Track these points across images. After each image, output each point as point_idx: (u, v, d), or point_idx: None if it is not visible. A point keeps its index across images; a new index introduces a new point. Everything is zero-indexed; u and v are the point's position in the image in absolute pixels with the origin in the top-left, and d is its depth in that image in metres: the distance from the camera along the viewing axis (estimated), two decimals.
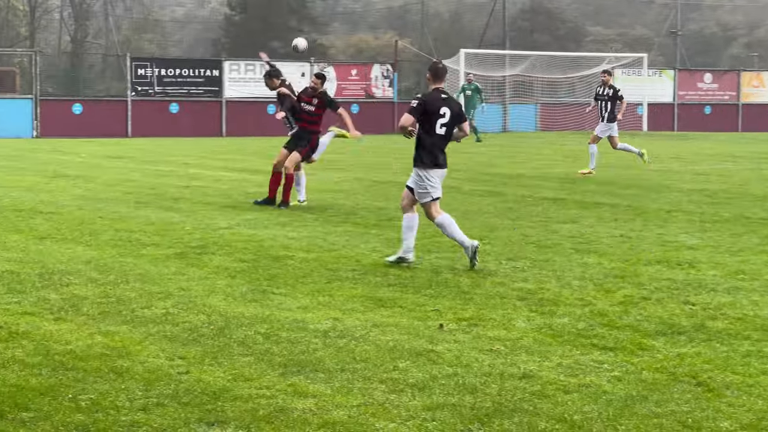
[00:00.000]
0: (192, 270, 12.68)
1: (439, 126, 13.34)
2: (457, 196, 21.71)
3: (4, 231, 15.95)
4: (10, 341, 9.03)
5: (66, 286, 11.59)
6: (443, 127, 13.36)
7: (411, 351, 8.82)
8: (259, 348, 8.89)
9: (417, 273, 12.59)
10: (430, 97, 13.40)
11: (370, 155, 35.47)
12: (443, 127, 13.36)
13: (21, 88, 54.76)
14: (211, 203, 20.05)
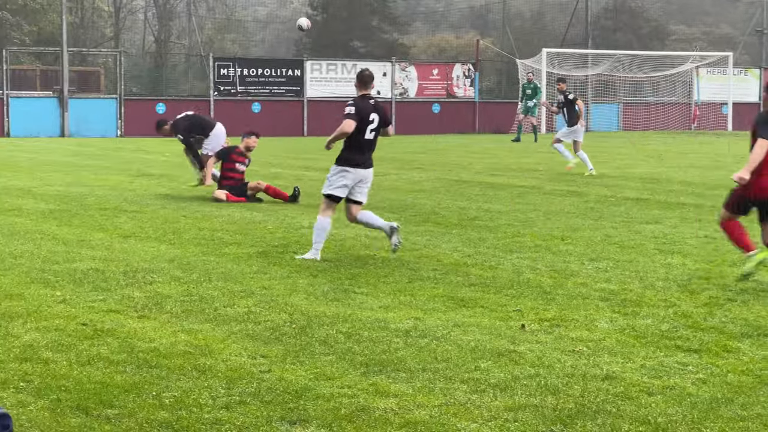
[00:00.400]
0: (274, 269, 12.74)
1: (368, 131, 13.87)
2: (539, 196, 21.62)
3: (89, 229, 16.14)
4: (96, 339, 9.13)
5: (150, 284, 11.69)
6: (372, 132, 13.90)
7: (493, 351, 8.79)
8: (341, 347, 8.91)
9: (498, 273, 12.54)
10: (362, 103, 13.92)
11: (452, 155, 35.41)
12: (372, 132, 13.90)
13: (106, 88, 55.40)
14: (293, 202, 20.14)
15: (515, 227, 16.73)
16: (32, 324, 9.65)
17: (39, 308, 10.33)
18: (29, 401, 7.32)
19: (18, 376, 7.92)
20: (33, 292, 11.17)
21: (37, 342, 8.98)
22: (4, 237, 15.15)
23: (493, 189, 23.04)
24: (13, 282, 11.73)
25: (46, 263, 12.94)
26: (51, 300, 10.76)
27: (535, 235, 15.76)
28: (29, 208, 18.71)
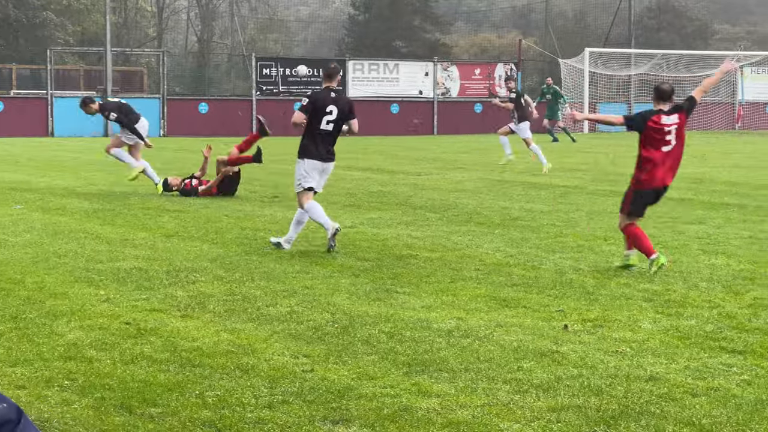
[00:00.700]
0: (316, 268, 12.75)
1: (325, 122, 14.30)
2: (582, 195, 21.54)
3: (132, 228, 16.22)
4: (139, 337, 9.17)
5: (193, 283, 11.73)
6: (329, 123, 14.32)
7: (535, 351, 8.76)
8: (383, 347, 8.90)
9: (541, 273, 12.50)
10: (319, 95, 14.50)
11: (494, 155, 35.35)
12: (329, 123, 14.32)
13: (149, 87, 55.70)
14: (335, 202, 20.15)
15: (558, 227, 16.68)
16: (76, 323, 9.71)
17: (83, 307, 10.39)
18: (73, 399, 7.36)
19: (62, 374, 7.97)
20: (77, 291, 11.23)
21: (81, 341, 9.03)
22: (48, 236, 15.25)
23: (536, 189, 22.98)
24: (58, 281, 11.80)
25: (90, 262, 13.01)
26: (95, 299, 10.82)
27: (578, 236, 15.71)
28: (73, 208, 18.82)
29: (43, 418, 6.97)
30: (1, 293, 11.06)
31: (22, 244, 14.50)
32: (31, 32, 62.82)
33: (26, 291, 11.20)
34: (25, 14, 62.16)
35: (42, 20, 62.99)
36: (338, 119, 14.38)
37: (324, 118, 14.30)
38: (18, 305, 10.46)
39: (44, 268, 12.59)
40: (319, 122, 14.29)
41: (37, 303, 10.59)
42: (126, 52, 62.32)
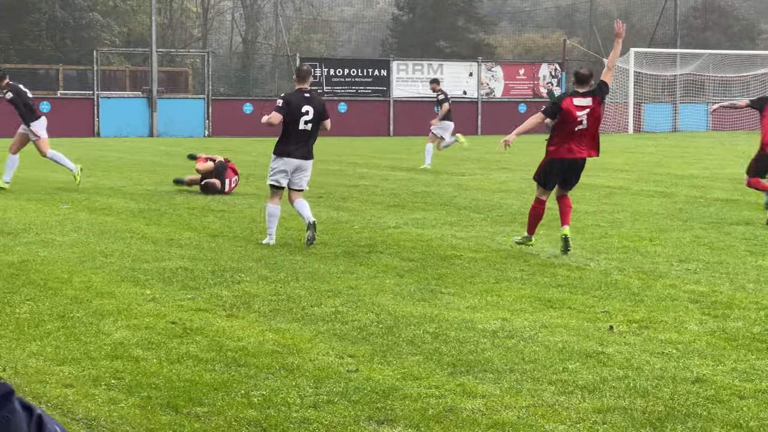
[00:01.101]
0: (361, 269, 12.77)
1: (303, 122, 14.88)
2: (626, 196, 21.45)
3: (178, 229, 16.30)
4: (185, 337, 9.21)
5: (238, 283, 11.77)
6: (307, 123, 14.89)
7: (580, 352, 8.73)
8: (428, 347, 8.90)
9: (586, 274, 12.46)
10: (293, 96, 15.07)
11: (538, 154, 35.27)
12: (307, 123, 14.89)
13: (193, 88, 55.94)
14: (379, 202, 20.18)
15: (602, 228, 16.62)
16: (123, 322, 9.77)
17: (129, 306, 10.46)
18: (120, 398, 7.41)
19: (109, 373, 8.02)
20: (123, 290, 11.30)
21: (127, 340, 9.08)
22: (95, 236, 15.35)
23: (580, 189, 22.85)
24: (104, 280, 11.88)
25: (136, 262, 13.09)
26: (141, 298, 10.89)
27: (623, 236, 15.64)
28: (119, 207, 18.94)
29: (90, 416, 7.02)
30: (49, 292, 11.14)
31: (69, 243, 14.60)
32: (77, 33, 63.26)
33: (73, 290, 11.28)
34: (72, 15, 62.60)
35: (88, 21, 63.41)
36: (314, 119, 14.93)
37: (301, 119, 14.86)
38: (65, 304, 10.54)
39: (91, 268, 12.67)
40: (297, 123, 14.85)
41: (84, 302, 10.66)
42: (171, 52, 62.62)
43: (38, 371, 8.06)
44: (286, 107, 14.89)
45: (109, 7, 67.10)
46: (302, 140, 14.95)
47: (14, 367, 8.23)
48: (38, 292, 11.14)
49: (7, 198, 20.32)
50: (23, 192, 21.48)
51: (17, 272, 12.31)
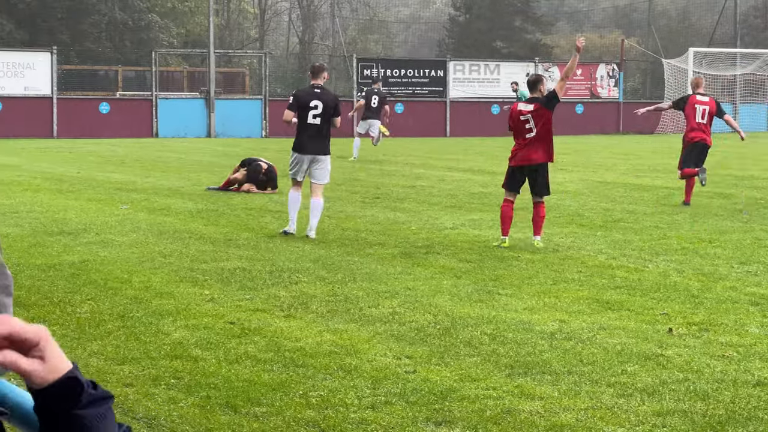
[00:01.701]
0: (418, 270, 12.77)
1: (311, 116, 15.41)
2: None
3: (235, 229, 16.38)
4: (243, 337, 9.26)
5: (295, 283, 11.81)
6: (316, 117, 15.39)
7: (639, 355, 8.68)
8: (486, 348, 8.89)
9: (644, 276, 12.39)
10: (302, 92, 15.86)
11: (595, 156, 35.12)
12: (316, 117, 15.39)
13: (251, 89, 56.17)
14: (436, 203, 20.17)
15: (661, 229, 16.51)
16: (182, 322, 9.83)
17: (188, 306, 10.52)
18: (180, 398, 7.46)
19: (169, 373, 8.08)
20: (182, 290, 11.38)
21: (186, 340, 9.14)
22: (153, 236, 15.46)
23: (638, 190, 22.78)
24: (163, 280, 11.96)
25: (195, 262, 13.17)
26: (200, 298, 10.95)
27: (682, 238, 15.53)
28: (178, 208, 19.06)
29: (150, 415, 7.07)
30: (109, 292, 11.24)
31: (128, 243, 14.72)
32: (136, 35, 63.72)
33: (133, 290, 11.36)
34: (131, 17, 63.08)
35: (147, 23, 63.86)
36: (323, 113, 15.38)
37: (310, 113, 15.38)
38: (125, 304, 10.63)
39: (150, 268, 12.77)
40: (305, 117, 15.42)
41: (144, 302, 10.75)
42: (228, 53, 62.94)
43: (99, 370, 8.13)
44: (295, 102, 15.50)
45: (168, 8, 67.54)
46: (313, 134, 15.43)
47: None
48: (98, 292, 11.23)
49: (68, 198, 20.51)
50: (83, 192, 21.67)
51: (78, 272, 12.42)
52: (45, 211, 18.20)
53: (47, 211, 18.31)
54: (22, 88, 46.32)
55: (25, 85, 46.39)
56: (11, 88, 46.04)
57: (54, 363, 1.81)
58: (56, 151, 36.42)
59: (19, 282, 11.29)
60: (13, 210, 18.30)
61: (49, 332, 1.80)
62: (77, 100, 48.19)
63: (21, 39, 57.33)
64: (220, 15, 73.60)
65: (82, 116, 47.41)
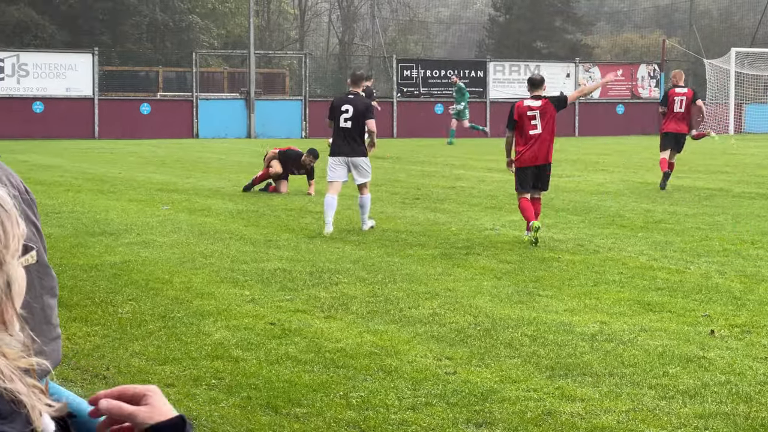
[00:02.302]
0: (458, 270, 12.76)
1: (342, 120, 16.23)
2: (727, 198, 21.16)
3: (276, 230, 16.42)
4: (284, 338, 9.28)
5: (335, 284, 11.83)
6: (347, 121, 16.19)
7: (681, 357, 8.64)
8: (526, 350, 8.87)
9: (686, 277, 12.32)
10: (337, 98, 16.92)
11: (636, 156, 34.98)
12: (347, 121, 16.19)
13: (291, 89, 56.28)
14: (476, 204, 20.15)
15: (703, 230, 16.42)
16: (222, 322, 9.87)
17: (229, 307, 10.56)
18: (221, 398, 7.49)
19: (210, 373, 8.11)
20: (223, 291, 11.42)
21: (227, 340, 9.17)
22: (194, 237, 15.52)
23: (679, 191, 22.66)
24: (204, 281, 12.01)
25: (235, 263, 13.21)
26: (240, 299, 10.99)
27: (724, 239, 15.44)
28: (218, 209, 19.13)
29: (191, 416, 7.10)
30: (150, 293, 11.29)
31: (169, 244, 14.79)
32: (177, 36, 64.03)
33: (174, 291, 11.41)
34: (172, 18, 63.38)
35: (188, 24, 64.15)
36: (353, 117, 16.16)
37: (341, 117, 16.23)
38: (167, 304, 10.67)
39: (191, 268, 12.82)
40: (338, 121, 16.26)
41: (185, 302, 10.79)
42: (269, 54, 63.13)
43: (140, 371, 8.18)
44: (330, 109, 16.55)
45: (208, 9, 67.80)
46: (347, 137, 16.23)
47: (117, 366, 8.36)
48: (140, 292, 11.29)
49: (109, 198, 20.63)
50: (125, 193, 21.79)
51: (119, 272, 12.50)
52: (87, 212, 18.31)
53: (89, 211, 18.42)
54: (64, 89, 46.64)
55: (66, 86, 46.71)
56: (53, 89, 46.37)
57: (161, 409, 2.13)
58: (97, 151, 36.64)
59: (62, 282, 11.34)
60: (55, 210, 18.42)
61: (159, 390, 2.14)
62: (118, 101, 48.47)
63: (63, 40, 57.72)
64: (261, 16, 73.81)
65: (123, 117, 47.68)
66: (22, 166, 27.41)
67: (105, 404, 2.07)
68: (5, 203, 2.02)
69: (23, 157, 30.76)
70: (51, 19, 59.31)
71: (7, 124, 44.90)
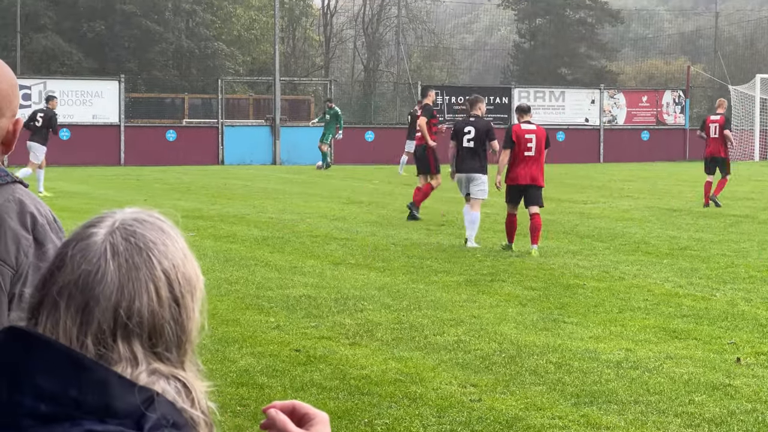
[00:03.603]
0: (483, 297, 12.76)
1: (465, 141, 18.17)
2: (753, 225, 21.10)
3: (301, 256, 16.44)
4: (309, 365, 9.29)
5: (360, 311, 11.84)
6: (470, 141, 18.13)
7: (707, 384, 8.62)
8: (551, 377, 8.86)
9: (711, 304, 12.29)
10: (459, 122, 19.46)
11: (661, 183, 34.91)
12: (470, 141, 18.13)
13: (316, 115, 56.40)
14: (501, 230, 20.09)
15: (729, 257, 16.37)
16: (248, 349, 9.89)
17: (254, 334, 10.58)
18: (246, 426, 7.50)
19: (235, 400, 8.13)
20: (248, 317, 11.44)
21: (252, 367, 9.19)
22: (219, 263, 15.56)
23: (705, 218, 22.60)
24: (229, 308, 12.04)
25: (261, 289, 13.24)
26: (265, 326, 11.01)
27: (750, 266, 15.39)
28: (243, 235, 19.17)
29: None
30: None
31: None
32: (202, 62, 64.30)
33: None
34: (198, 45, 63.67)
35: (213, 51, 64.42)
36: (476, 137, 18.06)
37: (464, 138, 18.15)
38: None
39: (216, 295, 12.85)
40: (461, 141, 18.16)
41: (210, 329, 10.78)
42: (294, 81, 63.32)
43: None
44: (453, 132, 18.62)
45: (234, 36, 68.08)
46: (468, 156, 18.11)
47: None
48: None
49: None
50: None
51: None
52: None
53: None
54: (91, 116, 46.87)
55: (93, 113, 46.93)
56: (80, 116, 46.59)
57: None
58: (123, 178, 36.79)
59: None
60: None
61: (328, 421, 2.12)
62: (144, 127, 48.68)
63: (89, 68, 58.03)
64: (286, 43, 74.09)
65: (149, 144, 47.87)
66: (49, 193, 27.54)
67: (273, 414, 2.09)
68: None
69: (49, 184, 30.86)
70: (78, 46, 59.67)
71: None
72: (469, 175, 18.04)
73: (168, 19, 62.85)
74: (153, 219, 2.06)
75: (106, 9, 60.66)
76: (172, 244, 2.04)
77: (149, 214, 2.06)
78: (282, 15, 66.29)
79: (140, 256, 1.97)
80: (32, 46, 58.23)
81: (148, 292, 1.96)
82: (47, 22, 59.18)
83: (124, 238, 1.97)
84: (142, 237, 1.99)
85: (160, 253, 2.00)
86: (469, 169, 18.01)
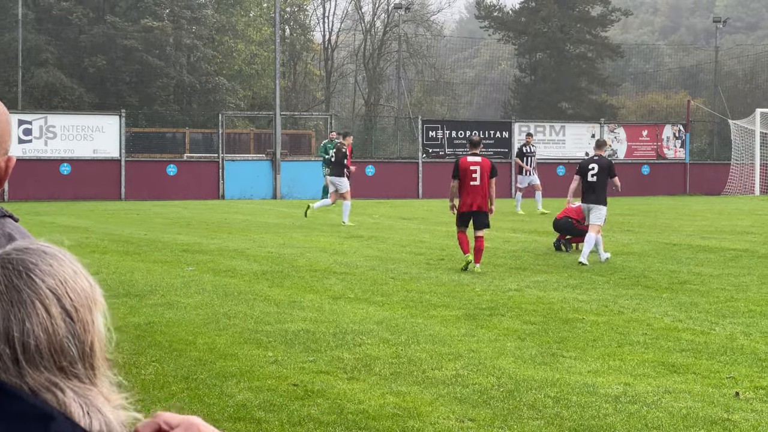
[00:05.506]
0: (481, 331, 12.74)
1: (590, 176, 21.04)
2: (753, 259, 21.09)
3: (300, 291, 16.43)
4: (306, 399, 9.27)
5: (359, 345, 11.83)
6: (593, 176, 20.98)
7: (705, 419, 8.59)
8: (549, 412, 8.84)
9: (710, 338, 12.27)
10: (583, 161, 21.68)
11: (662, 217, 34.91)
12: (593, 176, 20.98)
13: (317, 150, 56.49)
14: (500, 264, 20.13)
15: (728, 291, 16.36)
16: (245, 384, 9.87)
17: (252, 368, 10.56)
18: None
19: None
20: (246, 352, 11.43)
21: (250, 402, 9.17)
22: (218, 298, 15.55)
23: (705, 252, 22.60)
24: (228, 342, 12.02)
25: (259, 324, 13.23)
26: (263, 360, 10.99)
27: (750, 300, 15.38)
28: (243, 269, 19.16)
29: None
30: (173, 354, 11.31)
31: (193, 305, 14.82)
32: (203, 97, 64.48)
33: (198, 352, 11.43)
34: (199, 80, 63.85)
35: (214, 86, 64.61)
36: (599, 173, 20.94)
37: (588, 173, 21.02)
38: (190, 366, 10.69)
39: (215, 329, 12.84)
40: (586, 176, 20.97)
41: (208, 363, 10.80)
42: (294, 115, 63.44)
43: None
44: (579, 169, 21.37)
45: (235, 71, 68.31)
46: (590, 189, 20.92)
47: None
48: (163, 354, 11.31)
49: (135, 260, 20.70)
50: (150, 254, 21.87)
51: (143, 333, 12.52)
52: (112, 273, 18.37)
53: (114, 272, 18.49)
54: (91, 151, 46.95)
55: (94, 148, 47.02)
56: (81, 150, 46.67)
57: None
58: (124, 213, 36.81)
59: None
60: None
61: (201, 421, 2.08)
62: (145, 162, 48.74)
63: (90, 102, 58.21)
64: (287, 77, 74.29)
65: (150, 178, 47.92)
66: (49, 227, 27.55)
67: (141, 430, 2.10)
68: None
69: (49, 218, 30.91)
70: (79, 81, 59.86)
71: (35, 186, 45.16)
72: (591, 205, 20.78)
73: (169, 54, 63.07)
74: (36, 246, 2.10)
75: (108, 44, 60.91)
76: (57, 264, 2.08)
77: (32, 243, 2.12)
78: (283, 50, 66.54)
79: (20, 278, 2.00)
80: (34, 80, 58.41)
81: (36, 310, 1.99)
82: (49, 57, 59.40)
83: (2, 266, 2.00)
84: (21, 262, 2.03)
85: (42, 272, 2.03)
86: (593, 200, 20.81)
